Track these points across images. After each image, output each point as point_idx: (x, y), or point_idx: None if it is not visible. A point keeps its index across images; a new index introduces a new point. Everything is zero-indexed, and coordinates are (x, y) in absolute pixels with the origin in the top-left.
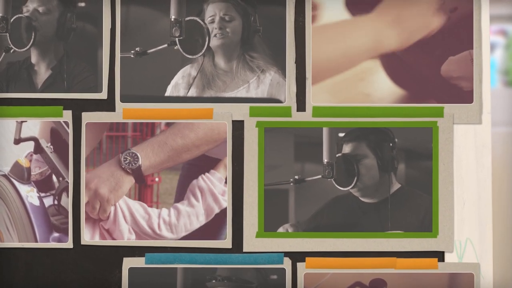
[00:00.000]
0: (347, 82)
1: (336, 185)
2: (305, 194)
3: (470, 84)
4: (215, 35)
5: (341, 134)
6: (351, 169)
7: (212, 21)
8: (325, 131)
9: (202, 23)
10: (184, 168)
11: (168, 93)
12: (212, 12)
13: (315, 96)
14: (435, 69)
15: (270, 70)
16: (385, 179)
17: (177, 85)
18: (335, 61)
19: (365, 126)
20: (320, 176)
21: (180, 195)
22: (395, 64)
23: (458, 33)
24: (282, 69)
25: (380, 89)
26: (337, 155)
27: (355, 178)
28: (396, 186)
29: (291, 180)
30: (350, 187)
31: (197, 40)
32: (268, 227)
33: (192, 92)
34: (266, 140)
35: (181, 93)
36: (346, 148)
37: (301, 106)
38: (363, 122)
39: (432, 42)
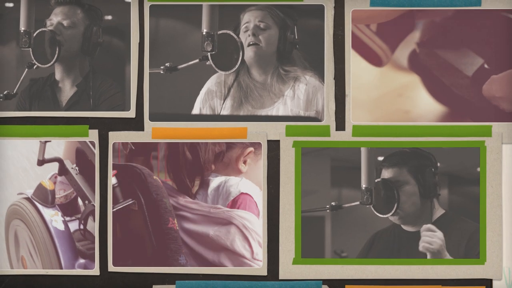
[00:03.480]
0: (385, 98)
1: (375, 212)
2: (342, 222)
3: None
4: (248, 44)
5: (380, 158)
6: (391, 195)
7: (246, 29)
8: (363, 154)
9: (235, 36)
10: None
11: (199, 101)
12: (247, 19)
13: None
14: (476, 87)
15: (306, 75)
16: (427, 205)
17: (210, 92)
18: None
19: (408, 146)
20: (358, 203)
21: None
22: (436, 80)
23: (501, 50)
24: (318, 73)
25: (420, 106)
26: (376, 180)
27: (395, 205)
28: (439, 212)
29: (327, 206)
30: (390, 214)
31: (231, 54)
32: (306, 253)
33: (228, 105)
34: (302, 164)
35: (216, 102)
36: (386, 173)
37: (340, 125)
38: (406, 142)
39: (474, 59)
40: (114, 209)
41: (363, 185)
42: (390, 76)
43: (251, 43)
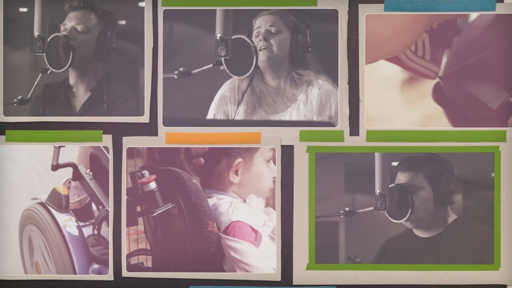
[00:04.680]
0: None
1: (389, 217)
2: (356, 227)
3: None
4: (260, 48)
5: (395, 163)
6: (405, 201)
7: (258, 34)
8: (377, 159)
9: (249, 41)
10: None
11: (213, 107)
12: (258, 24)
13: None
14: (501, 120)
15: (319, 79)
16: (440, 212)
17: (224, 98)
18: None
19: (422, 151)
20: (372, 208)
21: None
22: (460, 112)
23: None
24: (332, 77)
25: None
26: (390, 186)
27: (409, 210)
28: (452, 217)
29: (341, 212)
30: (404, 219)
31: (244, 59)
32: (320, 258)
33: (242, 110)
34: (316, 169)
35: (230, 108)
36: (401, 177)
37: (354, 130)
38: (420, 147)
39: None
40: (154, 214)
41: (377, 190)
42: (415, 107)
43: (262, 47)
